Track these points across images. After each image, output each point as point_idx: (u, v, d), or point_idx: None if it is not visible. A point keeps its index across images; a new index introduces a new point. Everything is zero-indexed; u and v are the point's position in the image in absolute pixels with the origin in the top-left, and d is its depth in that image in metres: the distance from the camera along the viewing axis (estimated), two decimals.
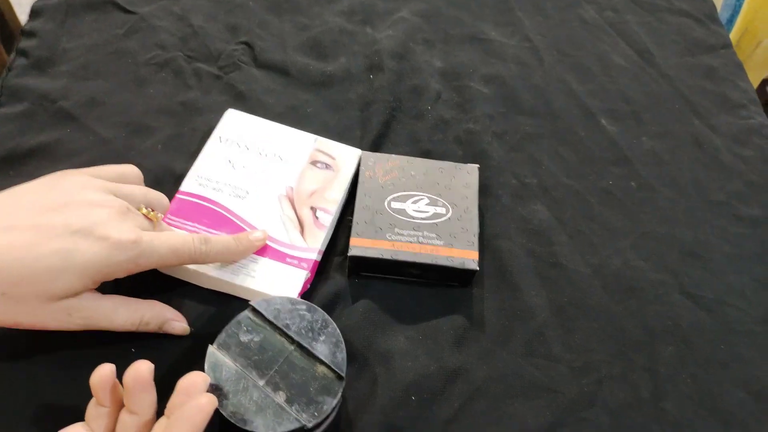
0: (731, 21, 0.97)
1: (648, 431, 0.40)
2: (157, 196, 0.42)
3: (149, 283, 0.43)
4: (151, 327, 0.39)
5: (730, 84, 0.60)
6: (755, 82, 0.96)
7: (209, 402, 0.30)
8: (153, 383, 0.32)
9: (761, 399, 0.42)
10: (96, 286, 0.36)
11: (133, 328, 0.38)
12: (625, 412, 0.40)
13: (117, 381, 0.32)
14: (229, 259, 0.41)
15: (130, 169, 0.42)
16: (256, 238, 0.42)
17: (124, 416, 0.32)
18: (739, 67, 0.62)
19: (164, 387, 0.33)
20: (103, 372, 0.32)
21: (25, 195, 0.36)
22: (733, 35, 0.95)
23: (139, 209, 0.39)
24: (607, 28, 0.64)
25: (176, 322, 0.40)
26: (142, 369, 0.31)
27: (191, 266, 0.41)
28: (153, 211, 0.40)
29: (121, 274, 0.36)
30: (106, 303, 0.37)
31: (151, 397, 0.32)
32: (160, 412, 0.32)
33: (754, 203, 0.52)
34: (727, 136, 0.56)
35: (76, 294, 0.34)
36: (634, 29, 0.64)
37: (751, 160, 0.55)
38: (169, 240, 0.37)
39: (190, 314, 0.41)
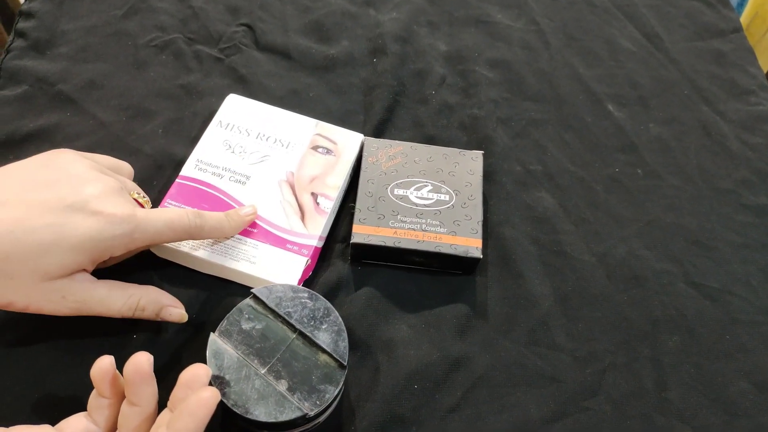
0: (742, 4, 0.95)
1: (651, 421, 0.40)
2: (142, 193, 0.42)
3: (149, 269, 0.42)
4: (148, 314, 0.38)
5: (740, 69, 0.59)
6: (765, 68, 0.95)
7: (212, 396, 0.30)
8: (153, 375, 0.31)
9: (765, 389, 0.41)
10: (92, 267, 0.35)
11: (129, 314, 0.37)
12: (628, 401, 0.40)
13: (118, 372, 0.32)
14: (222, 234, 0.41)
15: (125, 165, 0.42)
16: (246, 213, 0.42)
17: (126, 408, 0.31)
18: (750, 52, 0.61)
19: (167, 375, 0.33)
20: (103, 364, 0.31)
21: (18, 171, 0.35)
22: (743, 19, 0.94)
23: (130, 194, 0.38)
24: (615, 11, 0.63)
25: (173, 309, 0.39)
26: (142, 361, 0.31)
27: (192, 251, 0.41)
28: (145, 197, 0.39)
29: (116, 251, 0.35)
30: (101, 287, 0.36)
31: (151, 388, 0.32)
32: (162, 403, 0.32)
33: (761, 192, 0.51)
34: (736, 122, 0.55)
35: (69, 272, 0.34)
36: (643, 12, 0.63)
37: (760, 148, 0.54)
38: (164, 214, 0.37)
39: (191, 302, 0.41)
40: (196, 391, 0.30)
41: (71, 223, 0.33)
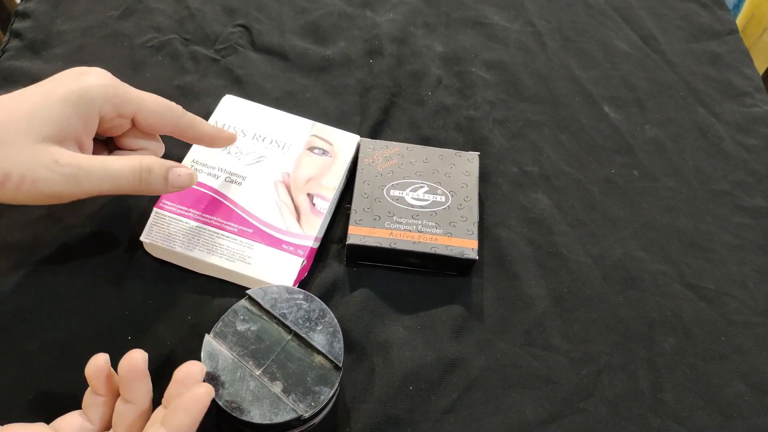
0: (738, 6, 0.95)
1: (647, 422, 0.40)
2: None
3: (145, 268, 0.42)
4: (155, 176, 0.36)
5: (736, 71, 0.60)
6: (761, 69, 0.95)
7: (206, 392, 0.30)
8: (147, 372, 0.31)
9: (760, 390, 0.41)
10: (84, 129, 0.35)
11: (134, 179, 0.35)
12: (623, 402, 0.40)
13: (112, 370, 0.32)
14: (201, 134, 0.41)
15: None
16: (227, 132, 0.43)
17: (120, 405, 0.32)
18: (745, 54, 0.61)
19: (161, 376, 0.33)
20: (98, 362, 0.31)
21: None
22: (739, 20, 0.94)
23: None
24: (611, 13, 0.63)
25: (182, 168, 0.37)
26: (136, 358, 0.31)
27: (188, 251, 0.41)
28: None
29: (103, 108, 0.36)
30: (98, 155, 0.36)
31: (146, 386, 0.32)
32: (156, 401, 0.32)
33: (757, 193, 0.51)
34: (732, 124, 0.56)
35: (60, 129, 0.34)
36: (639, 14, 0.63)
37: (755, 149, 0.54)
38: (147, 93, 0.39)
39: (186, 303, 0.41)
40: (191, 387, 0.30)
41: (62, 84, 0.35)
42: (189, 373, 0.31)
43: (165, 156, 0.47)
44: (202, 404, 0.30)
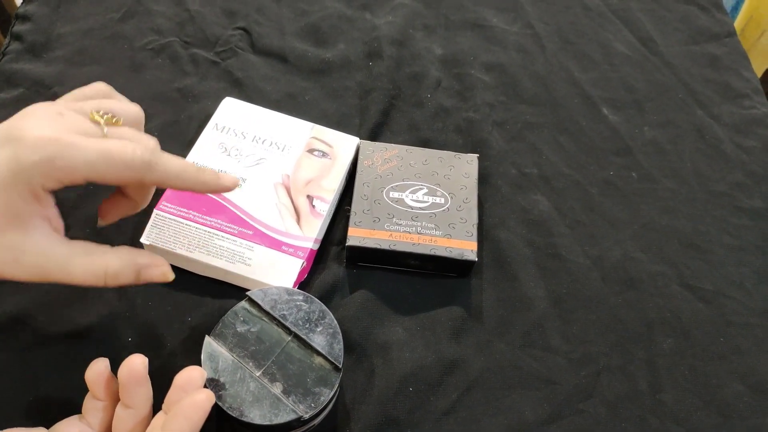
0: (736, 8, 0.96)
1: (646, 423, 0.40)
2: (127, 108, 0.34)
3: None
4: (124, 279, 0.32)
5: (734, 73, 0.60)
6: (759, 72, 0.95)
7: (207, 398, 0.30)
8: (148, 377, 0.31)
9: (759, 391, 0.41)
10: (40, 210, 0.30)
11: (98, 283, 0.31)
12: (622, 403, 0.40)
13: (112, 375, 0.32)
14: (185, 185, 0.33)
15: (95, 86, 0.35)
16: (228, 177, 0.35)
17: (120, 410, 0.31)
18: (744, 56, 0.61)
19: (161, 379, 0.33)
20: (98, 367, 0.31)
21: None
22: (737, 23, 0.94)
23: (90, 116, 0.32)
24: (610, 15, 0.63)
25: (155, 268, 0.33)
26: (136, 363, 0.31)
27: (188, 253, 0.41)
28: (110, 116, 0.32)
29: (44, 181, 0.29)
30: (61, 249, 0.30)
31: (146, 391, 0.32)
32: (157, 406, 0.32)
33: (756, 194, 0.51)
34: (730, 126, 0.56)
35: (15, 221, 0.29)
36: (638, 16, 0.64)
37: (754, 151, 0.54)
38: (101, 143, 0.30)
39: (186, 304, 0.41)
40: (191, 393, 0.30)
41: None
42: (189, 378, 0.31)
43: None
44: (203, 410, 0.30)
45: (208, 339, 0.35)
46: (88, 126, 0.31)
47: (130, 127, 0.33)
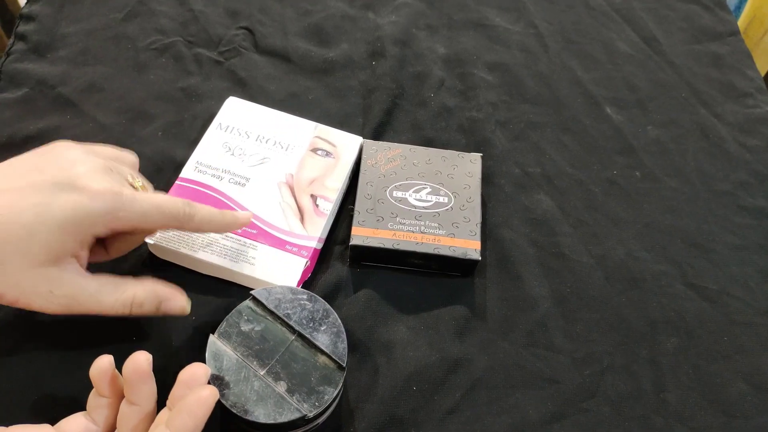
0: (739, 7, 0.95)
1: (649, 422, 0.40)
2: (146, 182, 0.39)
3: (148, 270, 0.43)
4: (147, 309, 0.36)
5: (737, 72, 0.60)
6: (763, 71, 0.95)
7: (211, 394, 0.30)
8: (152, 374, 0.32)
9: (763, 390, 0.41)
10: (81, 251, 0.34)
11: (125, 312, 0.35)
12: (626, 402, 0.40)
13: (117, 372, 0.32)
14: (213, 228, 0.39)
15: (128, 154, 0.40)
16: (242, 215, 0.40)
17: (125, 407, 0.32)
18: (747, 55, 0.61)
19: (165, 377, 0.33)
20: (102, 364, 0.32)
21: (16, 161, 0.35)
22: (740, 22, 0.94)
23: (125, 178, 0.37)
24: (613, 14, 0.63)
25: (173, 302, 0.37)
26: (140, 360, 0.31)
27: (192, 252, 0.41)
28: (141, 183, 0.38)
29: (100, 229, 0.33)
30: (92, 281, 0.34)
31: (150, 387, 0.32)
32: (161, 403, 0.32)
33: (759, 194, 0.51)
34: (733, 125, 0.56)
35: (56, 255, 0.32)
36: (641, 16, 0.63)
37: (757, 150, 0.54)
38: (153, 197, 0.35)
39: (191, 304, 0.41)
40: (195, 389, 0.30)
41: (57, 201, 0.32)
42: (193, 375, 0.31)
43: (167, 159, 0.48)
44: (207, 406, 0.30)
45: (212, 338, 0.35)
46: (128, 185, 0.36)
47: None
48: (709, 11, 0.65)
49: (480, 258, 0.42)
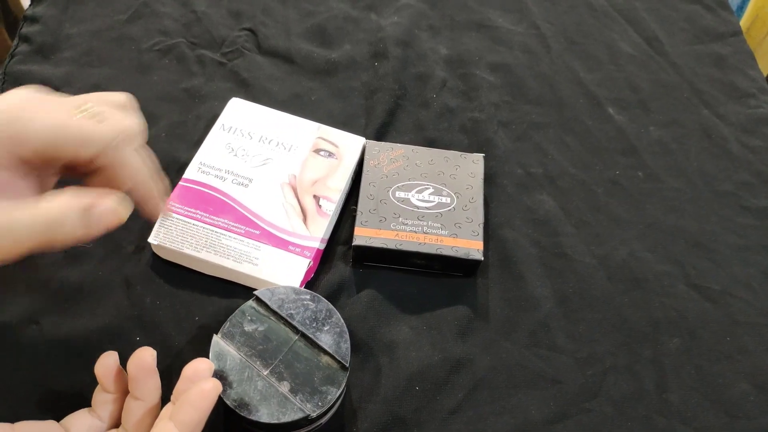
0: (742, 8, 0.95)
1: (652, 422, 0.40)
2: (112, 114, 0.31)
3: (150, 270, 0.43)
4: (70, 227, 0.27)
5: (740, 72, 0.60)
6: (765, 71, 0.95)
7: (214, 387, 0.30)
8: (156, 369, 0.32)
9: (765, 391, 0.41)
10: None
11: (43, 238, 0.27)
12: (629, 403, 0.40)
13: (121, 368, 0.33)
14: (135, 184, 0.31)
15: (114, 94, 0.33)
16: (160, 206, 0.33)
17: (130, 402, 0.32)
18: (749, 56, 0.61)
19: (169, 376, 0.33)
20: (107, 360, 0.32)
21: None
22: (743, 22, 0.94)
23: (78, 108, 0.30)
24: (615, 15, 0.63)
25: (101, 207, 0.28)
26: (145, 356, 0.31)
27: (195, 252, 0.41)
28: (92, 111, 0.30)
29: (8, 149, 0.27)
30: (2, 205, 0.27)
31: (154, 383, 0.32)
32: (165, 399, 0.33)
33: (762, 194, 0.51)
34: (736, 125, 0.56)
35: None
36: (643, 16, 0.63)
37: (760, 150, 0.54)
38: (57, 119, 0.28)
39: (194, 304, 0.41)
40: (198, 382, 0.30)
41: None
42: (197, 369, 0.31)
43: (170, 160, 0.48)
44: (210, 399, 0.30)
45: (215, 338, 0.35)
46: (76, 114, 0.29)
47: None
48: (711, 11, 0.65)
49: (482, 258, 0.42)
